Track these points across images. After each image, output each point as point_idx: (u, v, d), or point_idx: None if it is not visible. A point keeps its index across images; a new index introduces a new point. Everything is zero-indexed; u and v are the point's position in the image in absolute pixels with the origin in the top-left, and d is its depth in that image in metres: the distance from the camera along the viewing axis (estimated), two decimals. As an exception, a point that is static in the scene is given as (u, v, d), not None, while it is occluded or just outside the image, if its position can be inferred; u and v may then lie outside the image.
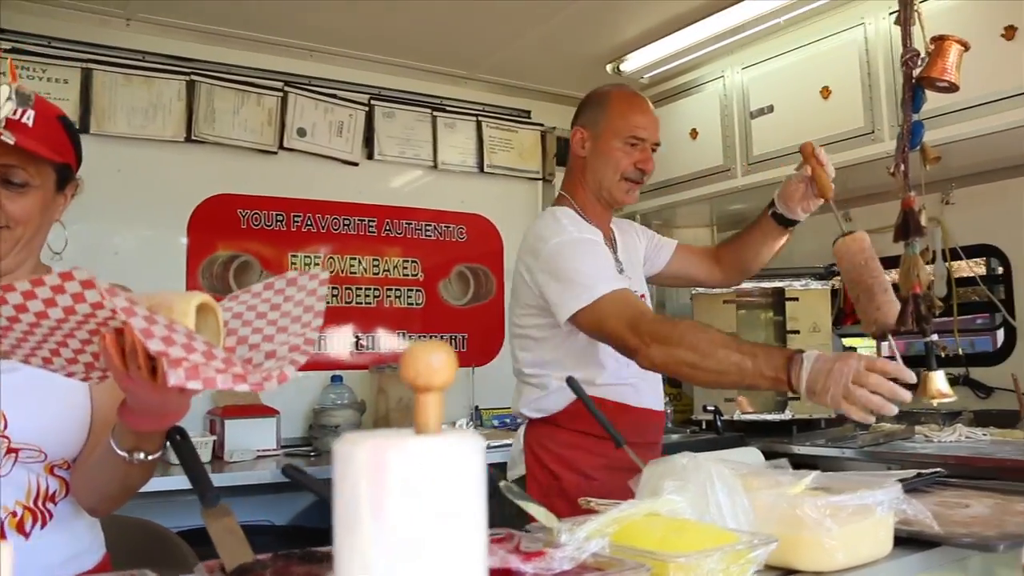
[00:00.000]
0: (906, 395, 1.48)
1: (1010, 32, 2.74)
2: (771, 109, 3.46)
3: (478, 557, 0.67)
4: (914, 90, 1.70)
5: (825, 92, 3.27)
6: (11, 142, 1.24)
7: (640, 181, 2.14)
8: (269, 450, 3.17)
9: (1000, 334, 3.45)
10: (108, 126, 3.26)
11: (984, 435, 2.87)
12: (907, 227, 1.65)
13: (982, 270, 3.54)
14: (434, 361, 0.68)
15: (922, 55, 1.71)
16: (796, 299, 3.43)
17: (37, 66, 3.15)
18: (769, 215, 2.22)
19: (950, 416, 3.16)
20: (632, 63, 3.79)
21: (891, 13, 1.91)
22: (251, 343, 1.11)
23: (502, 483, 1.35)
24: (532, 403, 2.10)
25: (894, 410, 1.48)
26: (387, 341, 3.77)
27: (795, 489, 1.34)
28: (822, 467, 2.57)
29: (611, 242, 2.19)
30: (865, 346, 3.91)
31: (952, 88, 1.69)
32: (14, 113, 1.29)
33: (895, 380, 1.48)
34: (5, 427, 1.31)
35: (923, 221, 1.65)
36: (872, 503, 1.25)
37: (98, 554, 1.50)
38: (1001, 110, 2.78)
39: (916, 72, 1.71)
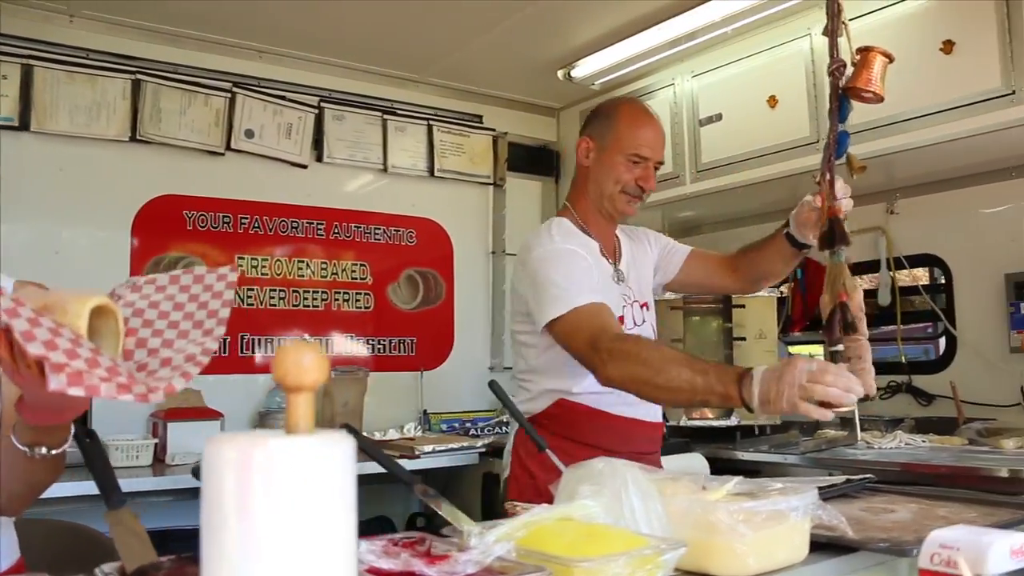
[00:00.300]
0: (860, 389, 1.50)
1: (948, 47, 2.78)
2: (719, 117, 3.49)
3: (344, 556, 0.66)
4: (840, 100, 1.71)
5: (772, 101, 3.30)
6: None
7: (640, 196, 2.15)
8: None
9: (942, 343, 3.50)
10: (50, 124, 3.20)
11: (923, 441, 2.91)
12: (832, 236, 1.66)
13: (925, 279, 3.58)
14: (304, 361, 0.68)
15: (848, 66, 1.73)
16: (743, 306, 3.45)
17: (-26, 62, 3.09)
18: (783, 235, 2.19)
19: (892, 423, 3.21)
20: (583, 69, 3.79)
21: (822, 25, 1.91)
22: (150, 347, 1.08)
23: (417, 486, 1.34)
24: (520, 405, 2.11)
25: (853, 400, 1.50)
26: (335, 345, 3.74)
27: (715, 495, 1.34)
28: (766, 473, 2.63)
29: (613, 252, 2.20)
30: (810, 354, 3.95)
31: (877, 99, 1.71)
32: None
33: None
34: None
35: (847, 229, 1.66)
36: (786, 509, 1.25)
37: (11, 558, 1.46)
38: (940, 122, 2.82)
39: (842, 82, 1.72)
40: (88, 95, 3.28)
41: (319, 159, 3.78)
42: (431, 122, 4.09)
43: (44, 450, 1.20)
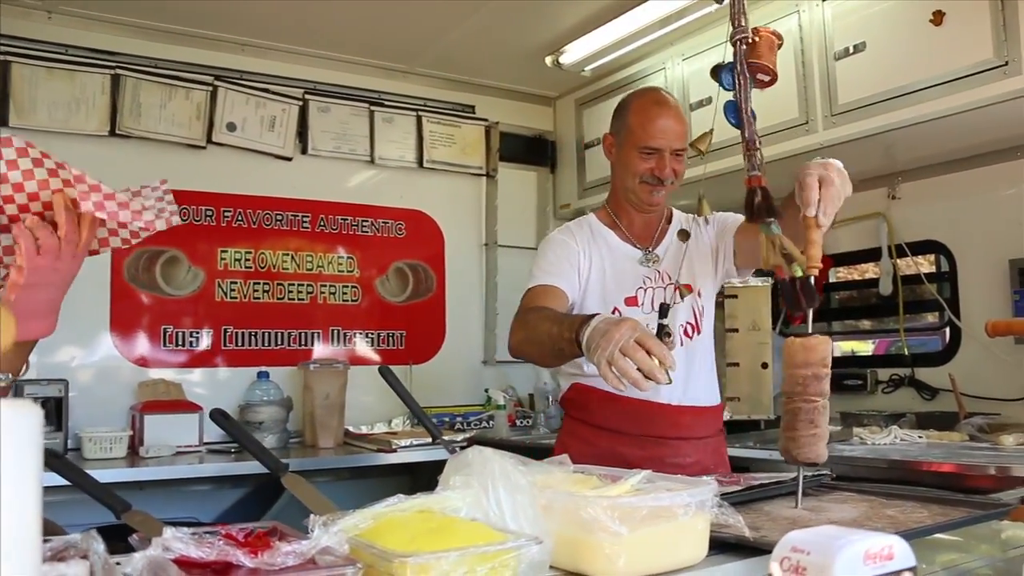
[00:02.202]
0: (664, 378, 1.49)
1: (938, 17, 2.63)
2: (709, 101, 3.35)
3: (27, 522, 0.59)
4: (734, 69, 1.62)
5: (760, 84, 3.17)
6: None
7: (660, 185, 2.14)
8: (191, 446, 3.13)
9: (947, 333, 3.34)
10: (28, 119, 3.20)
11: (920, 437, 2.77)
12: (753, 206, 1.54)
13: (928, 267, 3.42)
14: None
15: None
16: (735, 296, 3.31)
17: (-47, 58, 3.10)
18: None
19: (892, 418, 3.06)
20: (571, 55, 3.70)
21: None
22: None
23: (283, 477, 1.27)
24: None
25: (648, 387, 1.50)
26: (319, 338, 3.70)
27: (617, 489, 1.24)
28: (754, 469, 2.51)
29: (650, 237, 2.23)
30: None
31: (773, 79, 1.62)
32: None
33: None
34: None
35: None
36: (672, 505, 1.15)
37: None
38: (931, 98, 2.68)
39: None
40: (67, 90, 3.28)
41: (304, 151, 3.75)
42: (420, 113, 4.02)
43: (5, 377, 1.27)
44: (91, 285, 3.25)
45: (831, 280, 3.77)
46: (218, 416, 1.32)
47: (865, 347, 4.81)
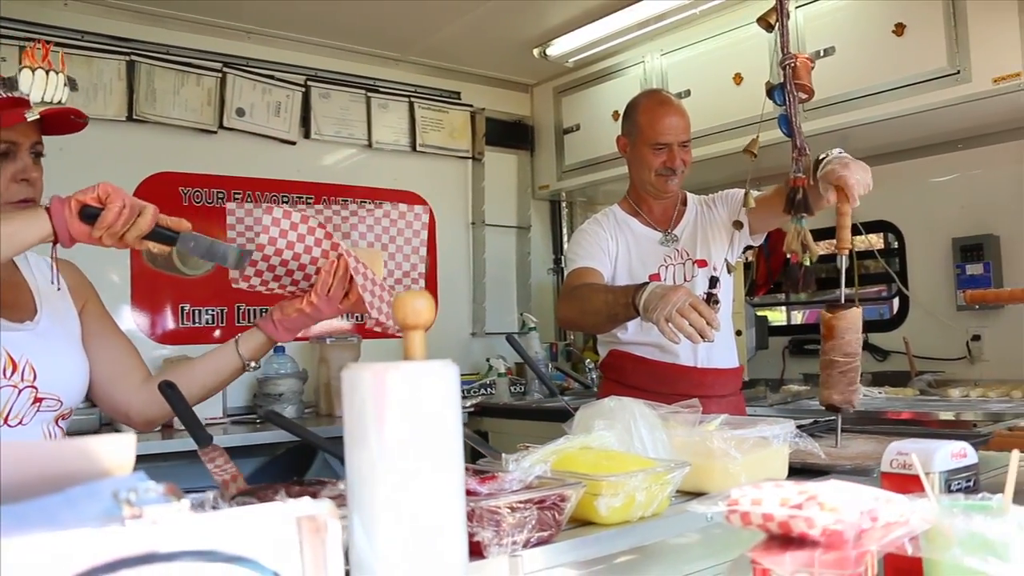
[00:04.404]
0: (711, 336, 1.87)
1: (900, 29, 3.02)
2: (688, 93, 3.69)
3: (457, 456, 0.85)
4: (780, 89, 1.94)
5: (738, 79, 3.52)
6: (35, 117, 1.42)
7: (673, 174, 2.46)
8: (216, 418, 3.30)
9: (896, 303, 3.78)
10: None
11: (880, 393, 3.17)
12: (794, 203, 1.88)
13: (880, 244, 3.84)
14: (418, 305, 0.86)
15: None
16: (711, 271, 3.67)
17: (-26, 45, 3.19)
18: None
19: (850, 377, 3.47)
20: (557, 48, 3.98)
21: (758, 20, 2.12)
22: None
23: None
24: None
25: (700, 340, 1.88)
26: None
27: (708, 427, 1.56)
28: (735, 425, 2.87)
29: (669, 220, 2.55)
30: (775, 316, 4.21)
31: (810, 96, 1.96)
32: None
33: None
34: (35, 378, 1.46)
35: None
36: (769, 436, 1.48)
37: None
38: (892, 99, 3.07)
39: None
40: (85, 76, 3.39)
41: (307, 136, 3.94)
42: (412, 99, 4.25)
43: (253, 364, 1.65)
44: (113, 267, 3.40)
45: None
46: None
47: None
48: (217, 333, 3.65)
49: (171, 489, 0.57)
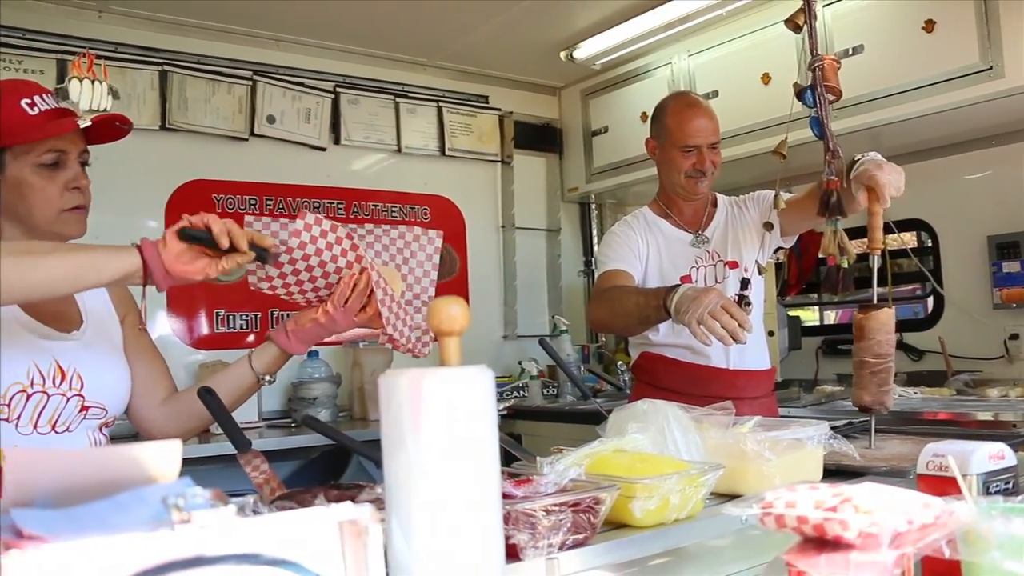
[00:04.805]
0: (743, 338, 1.86)
1: (930, 25, 2.99)
2: (716, 94, 3.68)
3: (493, 460, 0.86)
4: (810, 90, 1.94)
5: (765, 78, 3.51)
6: (88, 124, 1.49)
7: (703, 176, 2.45)
8: (251, 422, 3.34)
9: (930, 302, 3.74)
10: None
11: (915, 393, 3.13)
12: (828, 206, 1.88)
13: (914, 243, 3.80)
14: (452, 311, 0.87)
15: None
16: (743, 272, 3.65)
17: (13, 58, 3.25)
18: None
19: (884, 377, 3.43)
20: (584, 51, 3.98)
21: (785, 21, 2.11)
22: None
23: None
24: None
25: (732, 343, 1.87)
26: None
27: (741, 429, 1.56)
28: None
29: (699, 221, 2.54)
30: (807, 316, 4.18)
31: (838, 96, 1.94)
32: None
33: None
34: (82, 387, 1.49)
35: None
36: (804, 438, 1.48)
37: None
38: (924, 96, 3.04)
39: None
40: (119, 86, 3.44)
41: (337, 142, 3.98)
42: (440, 103, 4.28)
43: (268, 378, 1.65)
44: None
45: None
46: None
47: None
48: (251, 338, 3.69)
49: (217, 494, 0.59)
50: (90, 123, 1.56)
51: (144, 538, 0.52)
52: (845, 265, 1.96)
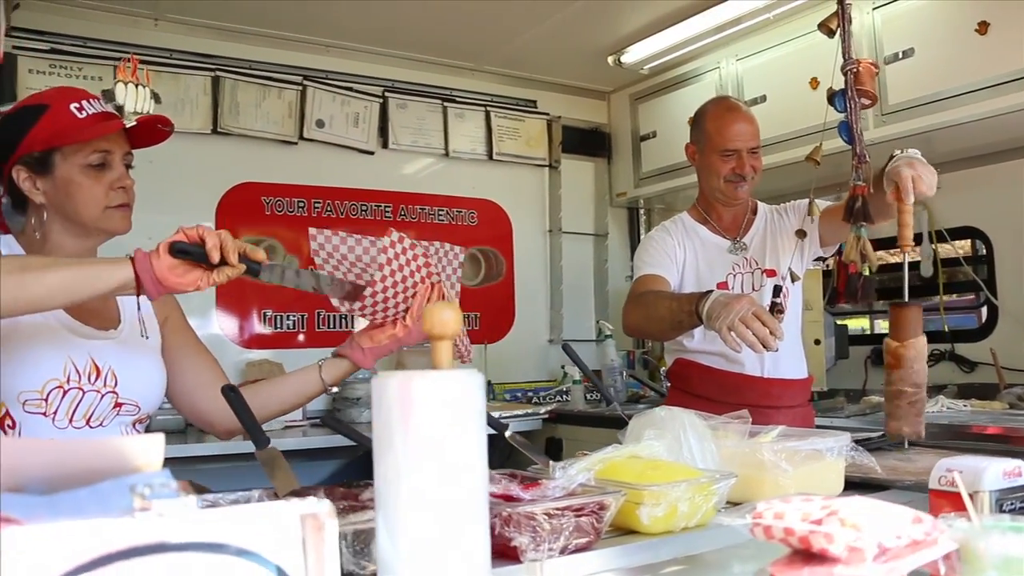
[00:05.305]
0: (774, 345, 1.85)
1: (983, 27, 2.91)
2: (763, 99, 3.64)
3: (480, 461, 0.87)
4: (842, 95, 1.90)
5: (814, 83, 3.45)
6: (133, 123, 1.56)
7: (743, 180, 2.44)
8: (295, 421, 3.40)
9: (984, 312, 3.64)
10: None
11: (965, 406, 3.05)
12: (853, 212, 1.84)
13: (967, 251, 3.71)
14: (444, 316, 0.89)
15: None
16: (789, 279, 3.60)
17: (74, 65, 3.37)
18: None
19: (935, 389, 3.35)
20: (632, 55, 3.97)
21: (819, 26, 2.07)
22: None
23: (507, 433, 1.57)
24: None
25: (762, 350, 1.86)
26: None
27: (764, 438, 1.55)
28: None
29: (738, 227, 2.53)
30: (856, 324, 4.10)
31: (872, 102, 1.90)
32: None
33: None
34: (116, 384, 1.56)
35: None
36: (823, 449, 1.46)
37: None
38: (977, 100, 2.95)
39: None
40: (173, 92, 3.55)
41: (385, 146, 4.03)
42: (488, 108, 4.31)
43: (335, 388, 1.73)
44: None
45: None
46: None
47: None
48: (301, 338, 3.77)
49: (184, 486, 0.61)
50: (135, 122, 1.62)
51: (106, 523, 0.55)
52: (867, 273, 1.94)
